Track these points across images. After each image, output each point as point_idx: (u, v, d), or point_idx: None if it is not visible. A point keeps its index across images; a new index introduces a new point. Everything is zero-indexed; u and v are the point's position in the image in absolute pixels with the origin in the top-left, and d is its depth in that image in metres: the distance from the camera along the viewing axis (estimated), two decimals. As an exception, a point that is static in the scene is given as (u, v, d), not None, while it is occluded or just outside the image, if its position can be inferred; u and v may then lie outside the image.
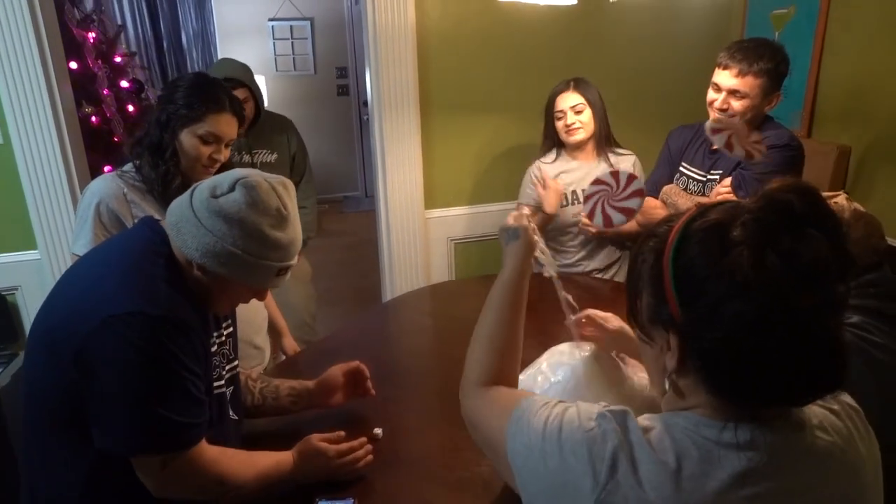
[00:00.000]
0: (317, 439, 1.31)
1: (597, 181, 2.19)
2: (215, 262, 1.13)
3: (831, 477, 0.73)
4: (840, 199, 1.41)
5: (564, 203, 2.46)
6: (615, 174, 2.17)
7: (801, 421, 0.75)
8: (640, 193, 2.16)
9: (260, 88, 2.62)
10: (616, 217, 2.19)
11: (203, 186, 1.17)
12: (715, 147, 2.05)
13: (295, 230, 1.19)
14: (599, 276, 2.49)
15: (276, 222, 1.15)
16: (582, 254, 2.49)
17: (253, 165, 2.64)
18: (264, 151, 2.69)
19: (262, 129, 2.67)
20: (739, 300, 0.66)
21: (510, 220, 1.19)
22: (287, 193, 1.18)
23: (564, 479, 0.74)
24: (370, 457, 1.33)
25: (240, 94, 2.47)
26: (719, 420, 0.73)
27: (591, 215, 2.22)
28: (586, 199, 2.22)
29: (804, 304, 0.65)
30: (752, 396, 0.71)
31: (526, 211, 1.17)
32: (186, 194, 1.18)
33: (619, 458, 0.71)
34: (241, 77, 2.50)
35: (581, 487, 0.72)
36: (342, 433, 1.36)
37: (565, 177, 2.47)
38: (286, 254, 1.18)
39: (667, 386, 0.78)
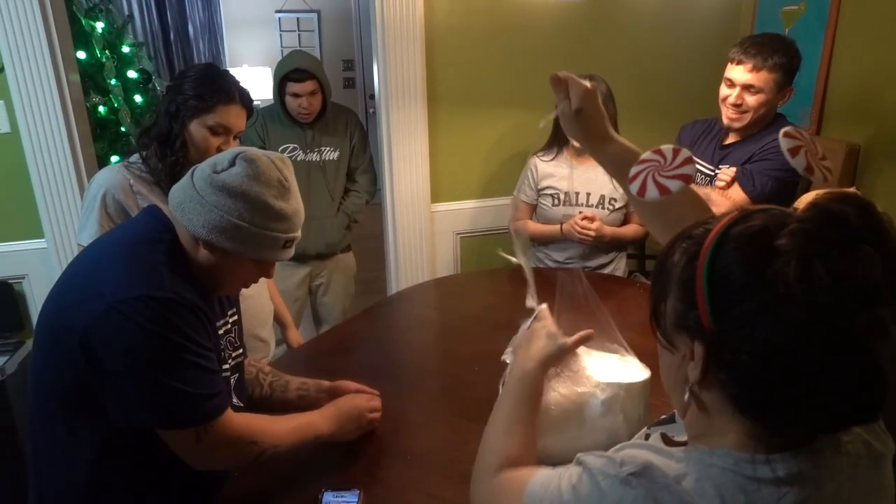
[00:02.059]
0: (346, 400, 1.40)
1: (657, 151, 2.09)
2: (223, 236, 1.14)
3: (864, 490, 0.71)
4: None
5: (556, 203, 2.46)
6: (658, 151, 2.08)
7: (837, 440, 0.71)
8: (690, 161, 2.06)
9: (329, 81, 2.62)
10: (672, 184, 2.06)
11: (203, 166, 1.18)
12: (795, 170, 1.98)
13: (297, 202, 1.21)
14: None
15: (278, 193, 1.16)
16: (578, 252, 2.49)
17: (320, 163, 2.66)
18: (328, 149, 2.69)
19: (326, 124, 2.68)
20: (779, 314, 0.62)
21: (552, 328, 1.16)
22: (286, 167, 1.20)
23: None
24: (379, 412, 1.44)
25: (308, 86, 2.52)
26: (757, 452, 0.68)
27: (643, 191, 2.13)
28: (631, 179, 2.12)
29: (849, 326, 0.61)
30: (786, 419, 0.67)
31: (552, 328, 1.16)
32: (186, 176, 1.19)
33: None
34: (309, 68, 2.52)
35: None
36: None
37: (555, 179, 2.47)
38: (291, 224, 1.20)
39: (686, 398, 0.73)
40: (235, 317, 1.40)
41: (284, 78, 2.54)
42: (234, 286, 1.30)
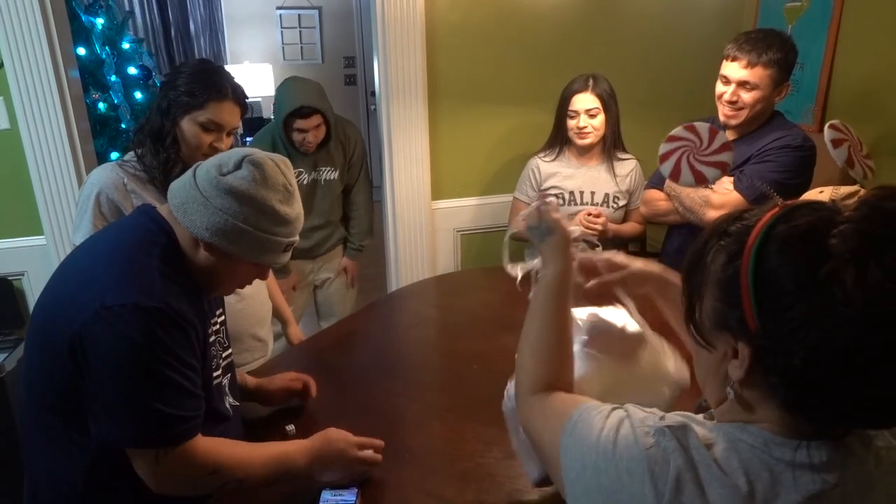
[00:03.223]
0: (335, 431, 1.29)
1: (671, 138, 1.98)
2: (226, 239, 1.13)
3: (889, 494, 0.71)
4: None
5: (561, 203, 2.45)
6: (691, 128, 1.95)
7: (868, 437, 0.71)
8: (722, 166, 1.93)
9: (332, 108, 2.54)
10: (710, 172, 1.93)
11: (207, 165, 1.16)
12: (838, 164, 1.86)
13: (300, 206, 1.21)
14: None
15: (284, 198, 1.16)
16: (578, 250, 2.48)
17: (321, 182, 2.64)
18: (328, 169, 2.66)
19: (328, 149, 2.65)
20: (836, 318, 0.60)
21: (535, 217, 1.08)
22: (289, 170, 1.19)
23: (620, 499, 0.70)
24: (379, 457, 1.29)
25: (314, 121, 2.45)
26: (790, 437, 0.68)
27: (676, 173, 1.98)
28: (664, 157, 2.00)
29: None
30: (832, 418, 0.67)
31: (552, 200, 1.03)
32: (188, 175, 1.17)
33: (685, 479, 0.67)
34: (314, 104, 2.42)
35: None
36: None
37: (559, 179, 2.46)
38: (293, 228, 1.20)
39: (730, 395, 0.72)
40: (223, 316, 1.39)
41: (289, 116, 2.46)
42: (231, 287, 1.29)
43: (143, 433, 1.08)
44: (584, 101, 2.33)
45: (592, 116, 2.34)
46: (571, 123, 2.37)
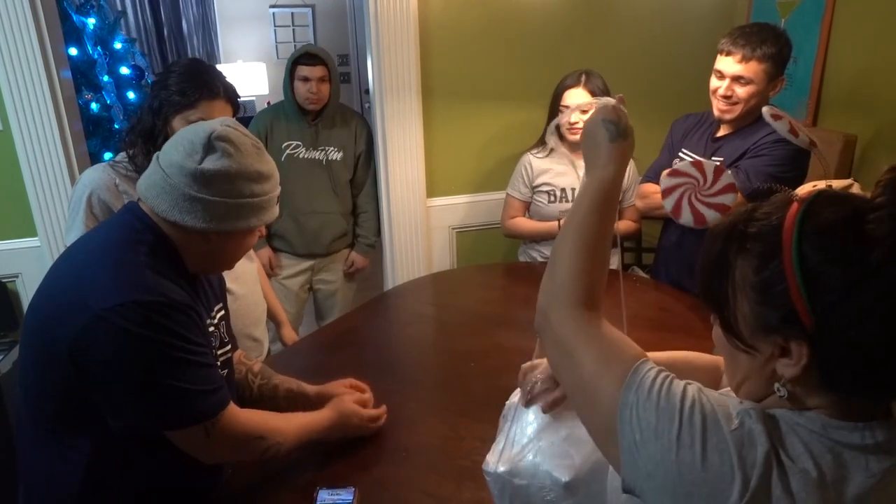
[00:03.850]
0: (349, 399, 1.41)
1: (675, 172, 1.97)
2: (231, 220, 1.15)
3: None
4: (856, 189, 1.39)
5: (552, 199, 2.45)
6: (698, 165, 1.94)
7: None
8: (731, 188, 1.92)
9: (338, 78, 2.68)
10: (709, 214, 1.94)
11: (176, 161, 1.12)
12: (774, 137, 1.93)
13: (269, 156, 1.23)
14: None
15: (259, 156, 1.18)
16: None
17: (323, 161, 2.69)
18: (332, 149, 2.70)
19: (332, 122, 2.70)
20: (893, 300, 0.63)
21: (614, 115, 0.97)
22: (245, 129, 1.21)
23: (703, 477, 0.67)
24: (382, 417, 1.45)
25: (318, 70, 2.59)
26: (846, 419, 0.69)
27: (677, 212, 1.98)
28: (666, 192, 1.99)
29: None
30: (894, 395, 0.69)
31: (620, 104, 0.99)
32: (158, 176, 1.14)
33: (773, 464, 0.67)
34: (320, 54, 2.61)
35: (726, 492, 0.66)
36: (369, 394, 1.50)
37: (551, 175, 2.46)
38: (276, 178, 1.23)
39: (780, 394, 0.72)
40: (223, 311, 1.39)
41: (295, 62, 2.61)
42: (236, 259, 1.30)
43: (181, 414, 1.11)
44: (577, 96, 2.33)
45: (584, 112, 2.33)
46: (563, 119, 2.37)
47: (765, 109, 1.92)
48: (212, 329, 1.30)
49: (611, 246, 0.92)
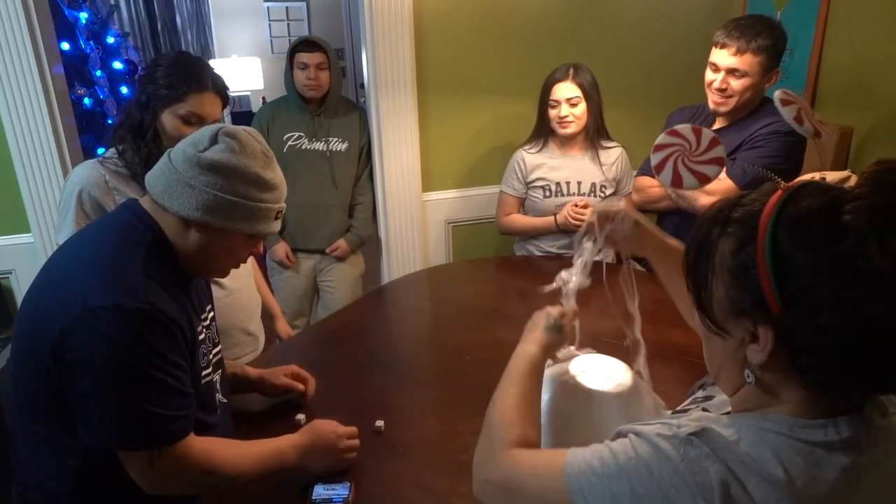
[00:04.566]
0: (322, 423, 1.30)
1: (673, 132, 1.96)
2: (218, 215, 1.13)
3: None
4: (853, 181, 1.39)
5: (547, 194, 2.44)
6: (697, 130, 1.93)
7: (883, 407, 0.73)
8: (720, 161, 1.93)
9: (339, 67, 2.69)
10: (688, 180, 1.95)
11: (181, 147, 1.15)
12: (773, 128, 1.94)
13: (280, 172, 1.21)
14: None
15: (264, 163, 1.16)
16: (569, 241, 2.46)
17: (326, 152, 2.67)
18: (336, 140, 2.70)
19: (335, 112, 2.70)
20: (866, 288, 0.62)
21: (554, 313, 1.17)
22: (262, 139, 1.20)
23: None
24: (357, 442, 1.32)
25: (316, 57, 2.60)
26: (813, 418, 0.70)
27: (678, 181, 1.98)
28: (657, 148, 1.99)
29: None
30: (864, 387, 0.69)
31: (572, 304, 1.22)
32: (163, 161, 1.16)
33: (729, 483, 0.67)
34: (318, 41, 2.63)
35: None
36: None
37: (546, 170, 2.45)
38: (280, 193, 1.20)
39: (750, 380, 0.73)
40: (212, 313, 1.37)
41: (294, 51, 2.63)
42: (228, 267, 1.27)
43: (134, 435, 1.07)
44: (565, 89, 2.32)
45: (573, 105, 2.33)
46: (553, 113, 2.36)
47: (777, 93, 1.91)
48: (205, 328, 1.29)
49: (539, 403, 1.06)
